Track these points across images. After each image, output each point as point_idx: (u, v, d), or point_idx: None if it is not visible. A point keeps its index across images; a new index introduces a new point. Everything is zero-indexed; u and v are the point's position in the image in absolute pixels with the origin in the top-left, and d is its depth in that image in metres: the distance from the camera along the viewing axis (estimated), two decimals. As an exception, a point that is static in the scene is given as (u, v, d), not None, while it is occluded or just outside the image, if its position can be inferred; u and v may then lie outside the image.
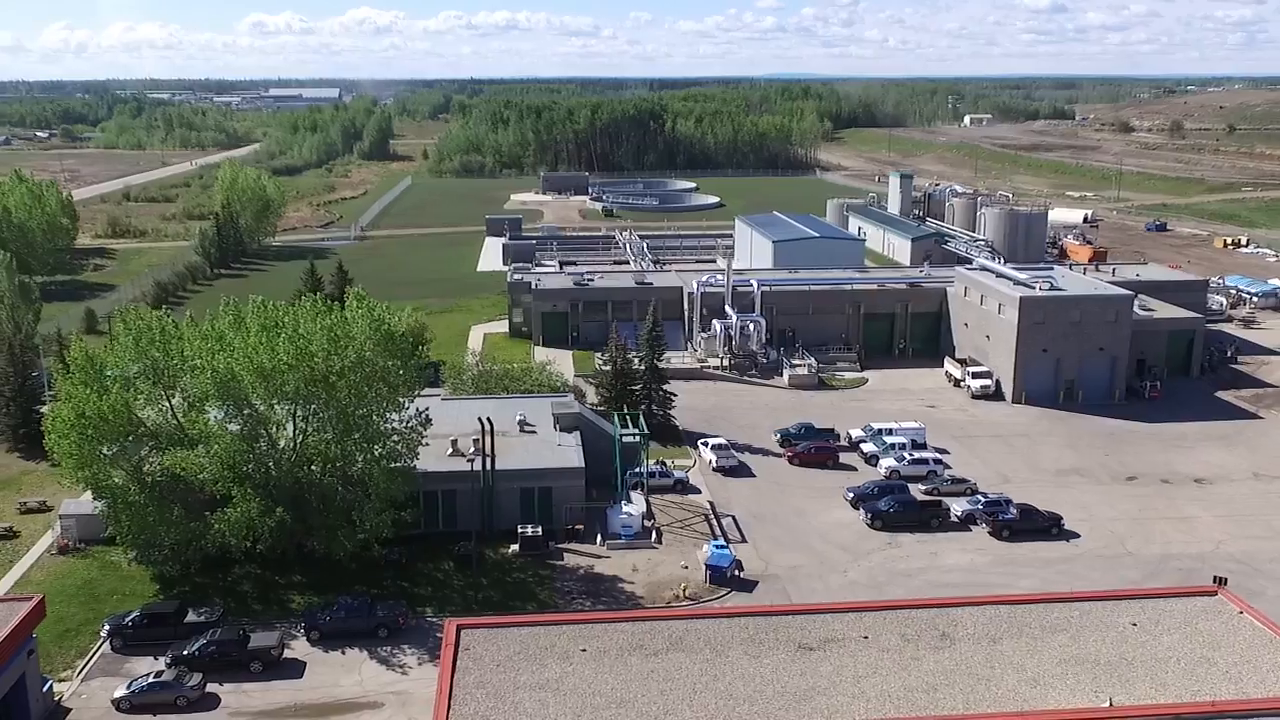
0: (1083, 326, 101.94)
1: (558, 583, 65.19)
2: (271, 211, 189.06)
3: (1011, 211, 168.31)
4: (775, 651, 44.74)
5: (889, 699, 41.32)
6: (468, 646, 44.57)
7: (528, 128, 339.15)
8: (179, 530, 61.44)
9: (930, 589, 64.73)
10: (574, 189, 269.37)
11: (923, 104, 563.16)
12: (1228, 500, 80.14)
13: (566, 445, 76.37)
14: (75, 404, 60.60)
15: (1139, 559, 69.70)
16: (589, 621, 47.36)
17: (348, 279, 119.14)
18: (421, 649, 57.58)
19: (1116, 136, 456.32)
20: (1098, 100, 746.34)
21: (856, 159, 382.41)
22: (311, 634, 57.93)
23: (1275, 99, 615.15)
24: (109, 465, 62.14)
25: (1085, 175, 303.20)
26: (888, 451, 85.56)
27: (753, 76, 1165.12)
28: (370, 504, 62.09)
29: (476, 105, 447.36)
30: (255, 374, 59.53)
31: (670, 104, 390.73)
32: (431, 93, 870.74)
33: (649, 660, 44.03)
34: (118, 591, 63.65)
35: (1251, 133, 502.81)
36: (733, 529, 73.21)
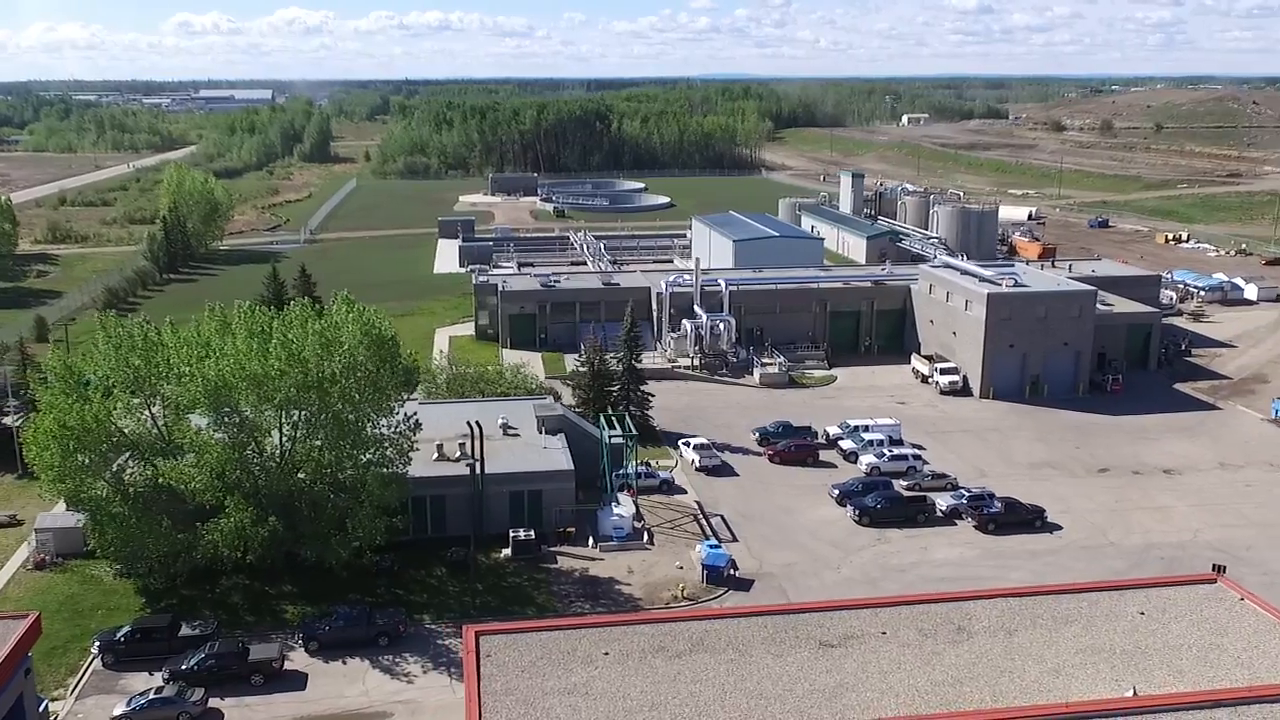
0: (1048, 322, 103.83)
1: (554, 586, 64.80)
2: (219, 215, 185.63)
3: (963, 209, 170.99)
4: (797, 649, 44.84)
5: (917, 693, 41.62)
6: (489, 653, 44.03)
7: (472, 128, 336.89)
8: (166, 542, 60.01)
9: (923, 584, 65.48)
10: (523, 190, 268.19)
11: (861, 104, 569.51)
12: (1198, 490, 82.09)
13: (553, 448, 75.95)
14: (57, 414, 58.87)
15: (1121, 549, 71.12)
16: (608, 625, 47.06)
17: (311, 283, 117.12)
18: (424, 657, 56.89)
19: (1050, 135, 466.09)
20: (1027, 100, 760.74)
21: (799, 158, 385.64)
22: (310, 644, 56.91)
23: (1199, 98, 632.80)
24: (91, 477, 60.49)
25: (1025, 173, 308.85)
26: (866, 448, 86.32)
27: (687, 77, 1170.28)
28: (363, 511, 61.18)
29: (417, 106, 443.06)
30: (247, 381, 58.30)
31: (615, 104, 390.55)
32: (368, 93, 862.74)
33: (673, 662, 43.87)
34: (102, 606, 61.96)
35: (1178, 131, 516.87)
36: (723, 528, 73.34)
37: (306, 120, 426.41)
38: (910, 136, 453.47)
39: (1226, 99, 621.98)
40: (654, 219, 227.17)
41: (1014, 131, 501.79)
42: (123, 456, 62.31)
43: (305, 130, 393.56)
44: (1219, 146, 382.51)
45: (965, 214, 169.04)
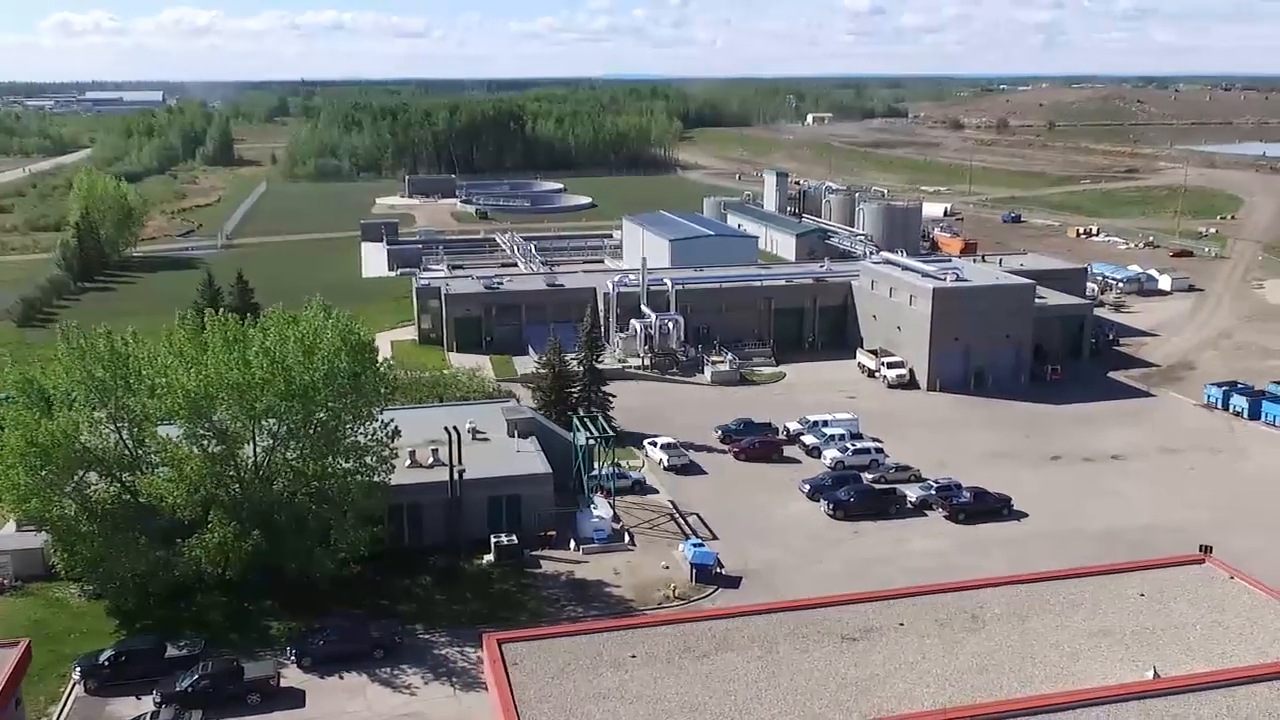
0: (990, 315, 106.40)
1: (543, 591, 64.15)
2: (133, 221, 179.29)
3: (889, 206, 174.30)
4: (821, 644, 45.20)
5: (946, 682, 42.28)
6: (515, 660, 43.44)
7: (384, 130, 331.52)
8: (142, 560, 57.70)
9: (905, 575, 66.37)
10: (441, 192, 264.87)
11: (765, 104, 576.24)
12: (1147, 475, 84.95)
13: (527, 451, 75.21)
14: (25, 431, 56.21)
15: (1088, 535, 73.19)
16: (629, 627, 46.82)
17: (248, 289, 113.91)
18: (423, 667, 55.79)
19: (951, 133, 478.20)
20: (923, 99, 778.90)
21: (712, 158, 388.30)
22: (304, 660, 55.32)
23: (1087, 97, 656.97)
24: (59, 494, 57.93)
25: (933, 171, 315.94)
26: (828, 443, 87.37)
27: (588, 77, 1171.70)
28: (347, 521, 59.71)
29: (321, 108, 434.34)
30: (228, 390, 56.43)
31: (527, 105, 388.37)
32: (264, 95, 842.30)
33: (701, 662, 43.84)
34: (74, 630, 59.33)
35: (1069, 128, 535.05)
36: (701, 527, 73.47)
37: (206, 122, 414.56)
38: (817, 135, 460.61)
39: (1113, 97, 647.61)
40: (579, 219, 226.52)
41: (915, 130, 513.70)
42: (88, 473, 59.77)
43: (207, 133, 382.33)
44: (1109, 143, 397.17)
45: (891, 211, 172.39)
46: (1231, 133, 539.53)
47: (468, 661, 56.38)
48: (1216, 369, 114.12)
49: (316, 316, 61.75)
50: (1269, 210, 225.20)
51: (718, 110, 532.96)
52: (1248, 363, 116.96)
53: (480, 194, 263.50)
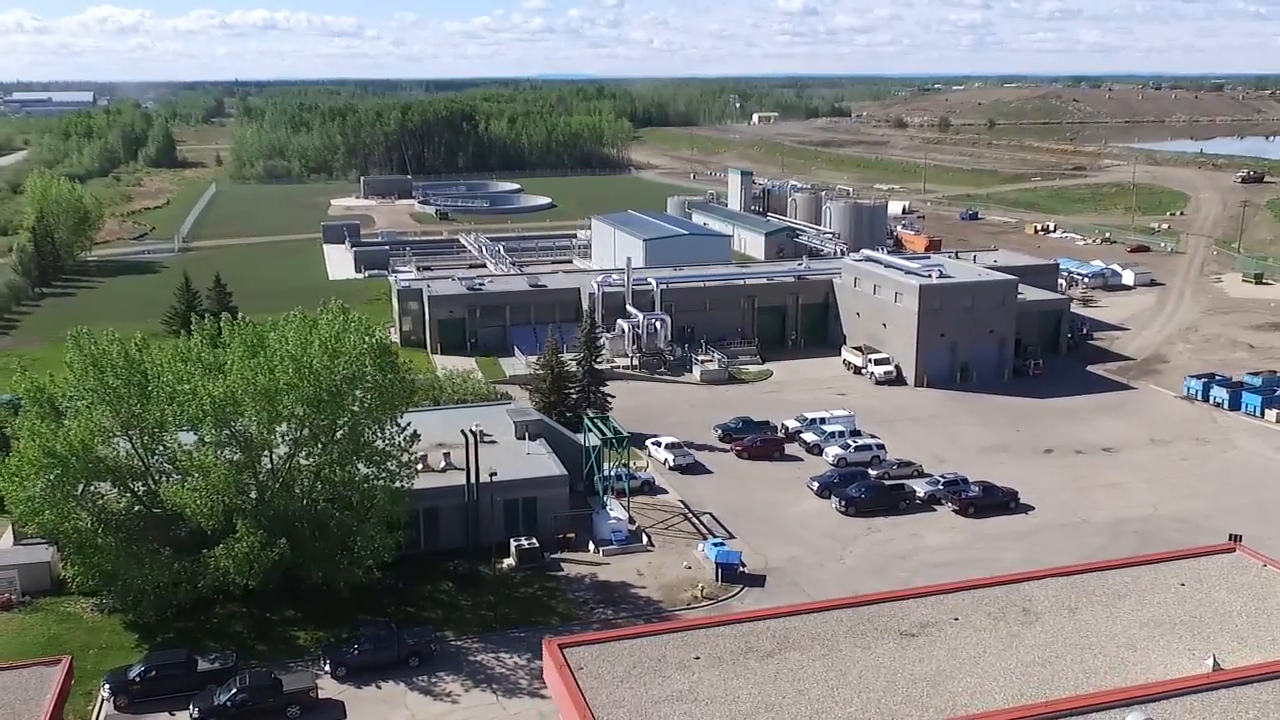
0: (975, 311, 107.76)
1: (569, 594, 63.63)
2: (89, 224, 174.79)
3: (856, 205, 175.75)
4: (881, 641, 45.27)
5: (1014, 676, 42.55)
6: (580, 665, 42.93)
7: (334, 130, 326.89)
8: (164, 572, 56.18)
9: (926, 569, 67.06)
10: (397, 193, 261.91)
11: (710, 103, 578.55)
12: (1140, 466, 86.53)
13: (539, 453, 74.54)
14: (42, 441, 54.46)
15: (1095, 526, 74.35)
16: (688, 628, 46.44)
17: (226, 292, 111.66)
18: (460, 674, 55.03)
19: (896, 132, 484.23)
20: (861, 98, 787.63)
21: (663, 157, 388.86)
22: (338, 670, 54.28)
23: (1025, 96, 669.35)
24: (75, 506, 56.24)
25: (884, 169, 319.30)
26: (828, 440, 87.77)
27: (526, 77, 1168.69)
28: (370, 528, 58.68)
29: (264, 108, 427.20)
30: (255, 396, 55.14)
31: (478, 105, 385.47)
32: (200, 95, 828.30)
33: (766, 662, 43.69)
34: (91, 645, 57.58)
35: (1009, 127, 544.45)
36: (716, 526, 73.40)
37: (146, 124, 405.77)
38: (764, 134, 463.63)
39: (1049, 96, 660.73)
40: (543, 219, 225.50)
41: (861, 129, 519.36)
42: (103, 483, 58.10)
43: (149, 134, 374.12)
44: (1049, 141, 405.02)
45: (858, 209, 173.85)
46: (1164, 131, 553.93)
47: (505, 668, 55.76)
48: (1189, 361, 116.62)
49: (337, 319, 60.48)
50: (1215, 206, 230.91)
51: (664, 110, 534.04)
52: (1218, 354, 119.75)
53: (437, 195, 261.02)
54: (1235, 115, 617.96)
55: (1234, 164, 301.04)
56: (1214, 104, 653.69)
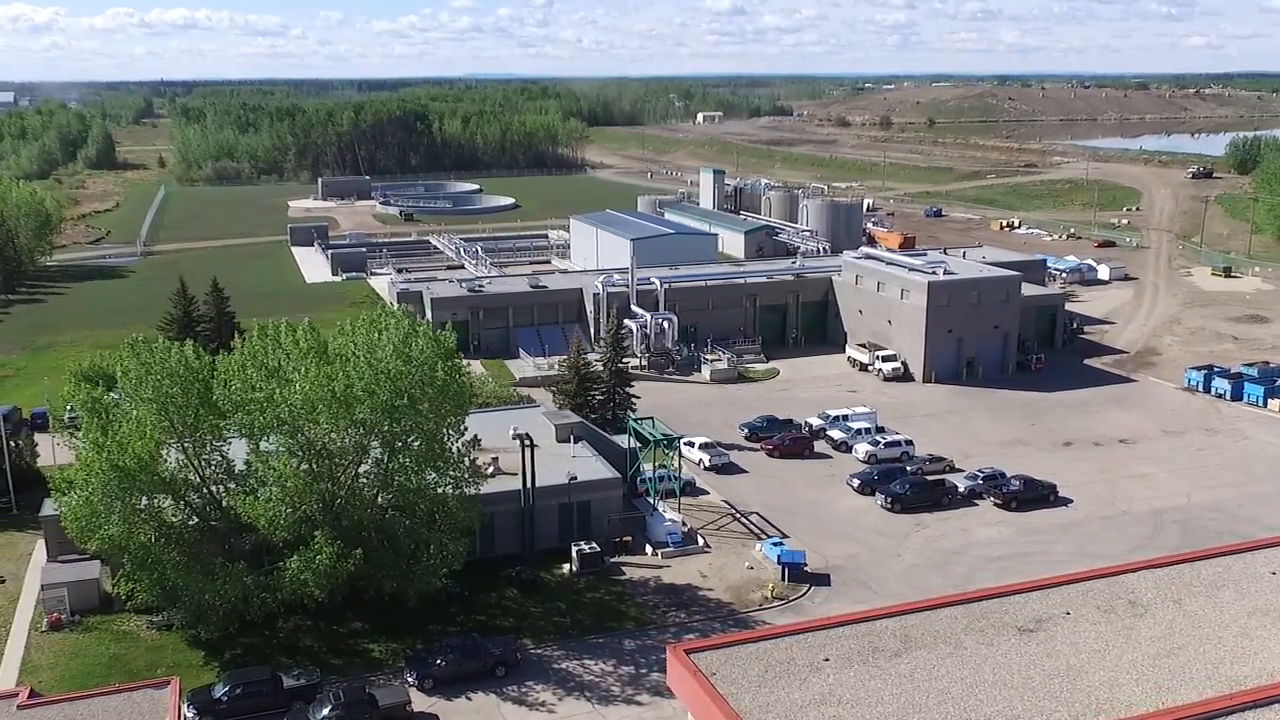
0: (980, 307, 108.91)
1: (638, 598, 62.90)
2: (50, 228, 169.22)
3: (833, 202, 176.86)
4: (1002, 637, 45.21)
5: (1143, 669, 42.74)
6: (713, 670, 42.28)
7: (284, 131, 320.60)
8: (237, 586, 54.35)
9: (986, 564, 67.66)
10: (356, 194, 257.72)
11: (654, 102, 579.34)
12: (1160, 458, 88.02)
13: (584, 456, 73.62)
14: (109, 455, 52.33)
15: (1136, 516, 75.43)
16: (804, 631, 45.86)
17: (224, 297, 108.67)
18: (549, 683, 54.03)
19: (842, 131, 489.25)
20: (795, 97, 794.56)
21: (614, 156, 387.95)
22: (425, 682, 52.95)
23: (962, 95, 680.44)
24: (141, 520, 54.20)
25: (838, 167, 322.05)
26: (856, 437, 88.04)
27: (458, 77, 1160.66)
28: (444, 535, 57.40)
29: (205, 109, 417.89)
30: (333, 403, 53.55)
31: (430, 105, 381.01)
32: (129, 96, 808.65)
33: (895, 662, 43.41)
34: (157, 664, 55.48)
35: (948, 125, 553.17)
36: (765, 526, 73.12)
37: (81, 124, 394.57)
38: (711, 133, 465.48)
39: (986, 95, 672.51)
40: (508, 220, 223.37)
41: (805, 127, 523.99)
42: (161, 496, 56.08)
43: (87, 136, 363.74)
44: (988, 138, 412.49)
45: (835, 207, 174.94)
46: (1096, 128, 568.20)
47: (592, 675, 54.90)
48: (1180, 354, 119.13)
49: (402, 322, 59.04)
50: (1168, 202, 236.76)
51: (609, 109, 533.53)
52: (1205, 346, 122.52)
53: (397, 196, 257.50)
54: (1163, 113, 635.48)
55: (1177, 160, 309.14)
56: (1142, 102, 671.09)
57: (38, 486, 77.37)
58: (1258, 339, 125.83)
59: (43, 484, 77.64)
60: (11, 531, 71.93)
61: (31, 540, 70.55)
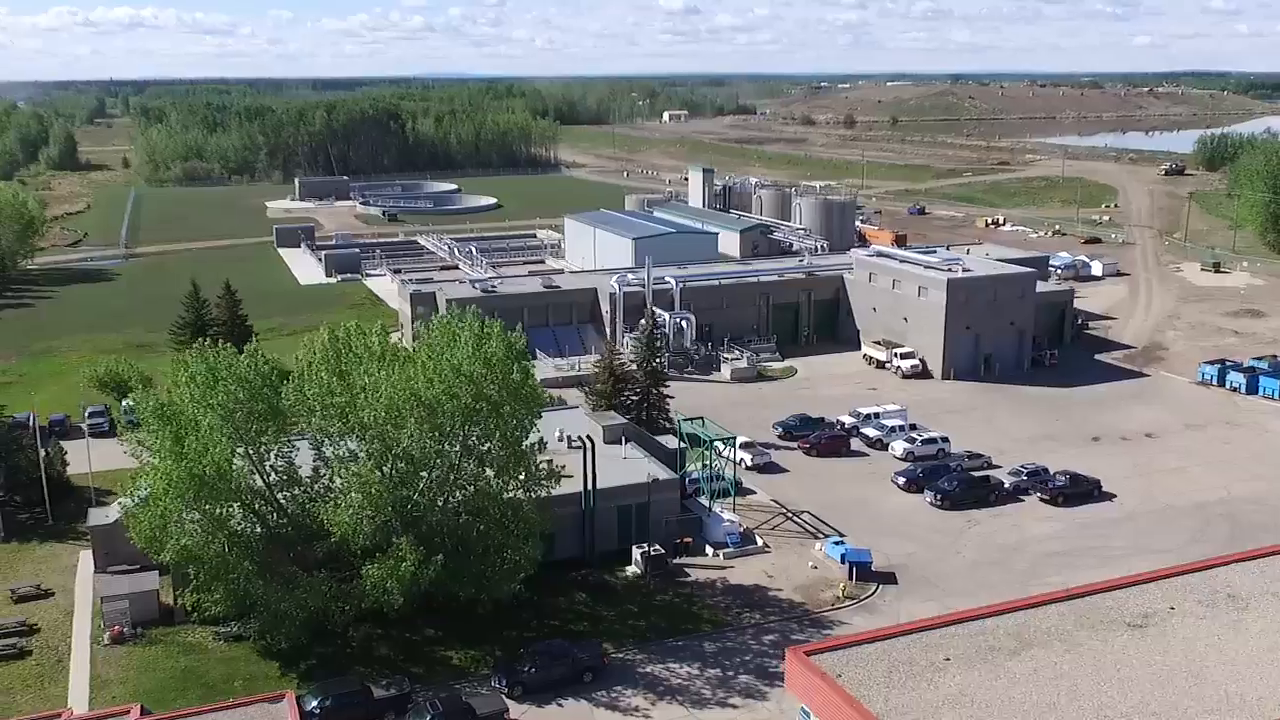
0: (997, 304, 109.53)
1: (709, 599, 62.42)
2: (34, 231, 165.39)
3: (826, 201, 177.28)
4: (1113, 633, 45.29)
5: (1261, 663, 42.87)
6: (837, 672, 41.96)
7: (255, 131, 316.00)
8: (317, 595, 53.16)
9: (1047, 559, 68.02)
10: (334, 194, 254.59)
11: (619, 101, 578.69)
12: (1189, 451, 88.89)
13: (636, 457, 72.95)
14: (188, 465, 50.94)
15: (1181, 510, 76.02)
16: (916, 630, 45.71)
17: (236, 300, 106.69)
18: (638, 688, 53.41)
19: (808, 129, 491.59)
20: (752, 96, 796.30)
21: (586, 155, 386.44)
22: (514, 689, 52.10)
23: (923, 94, 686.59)
24: (217, 530, 52.85)
25: (814, 166, 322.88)
26: (892, 434, 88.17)
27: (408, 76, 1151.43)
28: (521, 539, 56.57)
29: (168, 109, 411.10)
30: (418, 407, 52.52)
31: (402, 104, 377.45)
32: (81, 96, 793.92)
33: (1015, 660, 43.32)
34: (233, 677, 54.09)
35: (911, 123, 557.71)
36: (819, 525, 72.90)
37: (40, 125, 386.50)
38: (681, 132, 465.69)
39: (946, 94, 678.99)
40: (495, 220, 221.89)
41: (772, 126, 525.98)
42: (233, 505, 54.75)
43: (49, 136, 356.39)
44: (949, 136, 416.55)
45: (828, 205, 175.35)
46: (1055, 126, 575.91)
47: (679, 678, 54.35)
48: (1186, 348, 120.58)
49: (474, 324, 58.08)
50: (1144, 198, 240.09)
51: (575, 108, 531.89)
52: (1209, 340, 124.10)
53: (375, 196, 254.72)
54: (1119, 111, 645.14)
55: (1144, 158, 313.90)
56: (1099, 100, 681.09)
57: (69, 496, 75.78)
58: (1258, 333, 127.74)
59: (74, 493, 76.34)
60: (52, 543, 69.97)
61: (73, 551, 68.75)
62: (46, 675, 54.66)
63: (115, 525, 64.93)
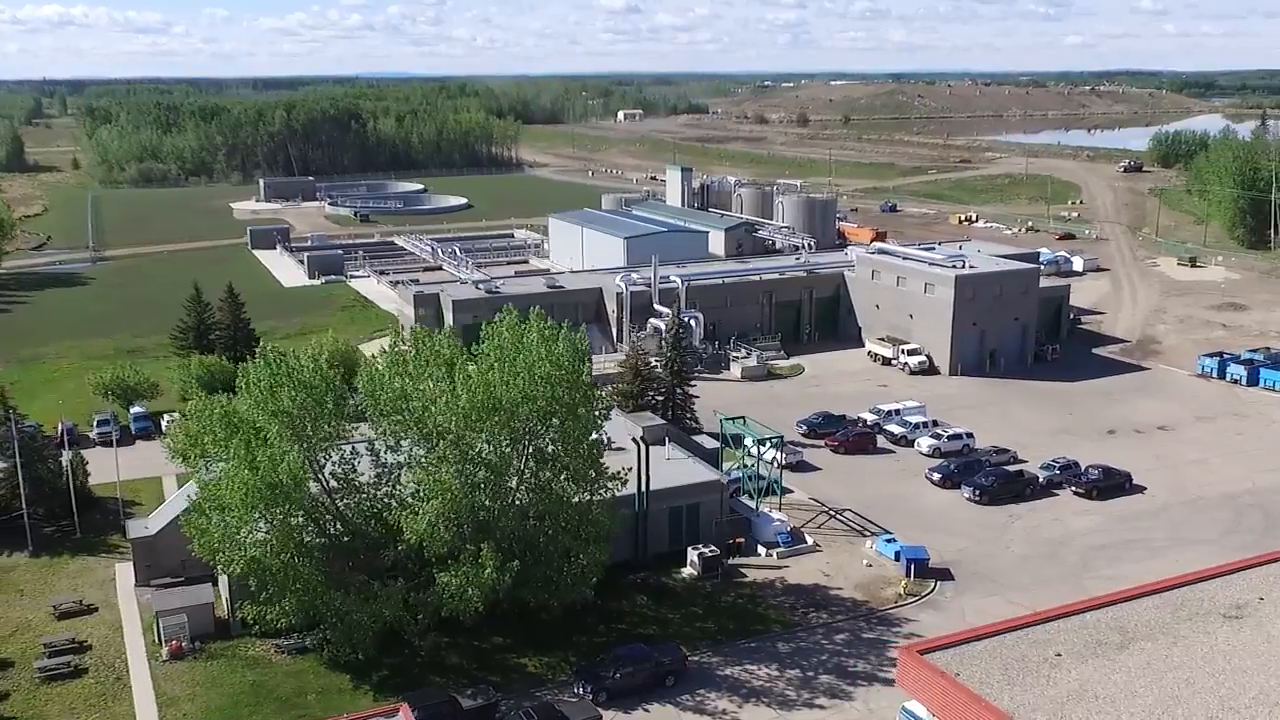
0: (1003, 299, 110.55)
1: (773, 599, 62.06)
2: (4, 235, 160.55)
3: (809, 199, 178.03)
4: (1212, 624, 45.65)
5: (1363, 650, 43.67)
6: (955, 671, 41.83)
7: (212, 131, 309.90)
8: (395, 604, 51.97)
9: (1096, 552, 68.60)
10: (301, 195, 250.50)
11: (573, 100, 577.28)
12: (1206, 442, 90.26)
13: (679, 458, 72.40)
14: (263, 473, 49.50)
15: (1212, 501, 77.07)
16: (1019, 627, 45.69)
17: (240, 303, 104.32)
18: (721, 691, 52.89)
19: (763, 128, 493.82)
20: (702, 95, 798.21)
21: (546, 155, 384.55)
22: (599, 695, 51.32)
23: (872, 93, 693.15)
24: (288, 539, 51.45)
25: (777, 164, 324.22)
26: (916, 431, 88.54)
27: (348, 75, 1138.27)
28: (592, 543, 55.82)
29: (117, 109, 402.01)
30: (499, 410, 51.53)
31: (362, 103, 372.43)
32: (16, 95, 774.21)
33: (1124, 654, 43.47)
34: (305, 690, 52.68)
35: (863, 122, 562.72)
36: (862, 522, 72.90)
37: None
38: (638, 131, 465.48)
39: (896, 93, 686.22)
40: (467, 220, 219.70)
41: (727, 125, 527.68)
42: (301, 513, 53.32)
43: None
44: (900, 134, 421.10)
45: (811, 203, 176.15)
46: (1001, 124, 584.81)
47: (760, 680, 53.92)
48: (1179, 342, 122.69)
49: (539, 325, 57.20)
50: (1107, 194, 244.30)
51: (529, 107, 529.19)
52: (1199, 334, 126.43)
53: (341, 196, 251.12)
54: (1064, 110, 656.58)
55: (1101, 155, 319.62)
56: (1043, 99, 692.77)
57: (93, 508, 73.59)
58: (1244, 325, 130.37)
59: (96, 504, 74.10)
60: (84, 556, 67.68)
61: (107, 564, 66.64)
62: (109, 694, 52.80)
63: (157, 537, 63.26)
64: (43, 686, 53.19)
